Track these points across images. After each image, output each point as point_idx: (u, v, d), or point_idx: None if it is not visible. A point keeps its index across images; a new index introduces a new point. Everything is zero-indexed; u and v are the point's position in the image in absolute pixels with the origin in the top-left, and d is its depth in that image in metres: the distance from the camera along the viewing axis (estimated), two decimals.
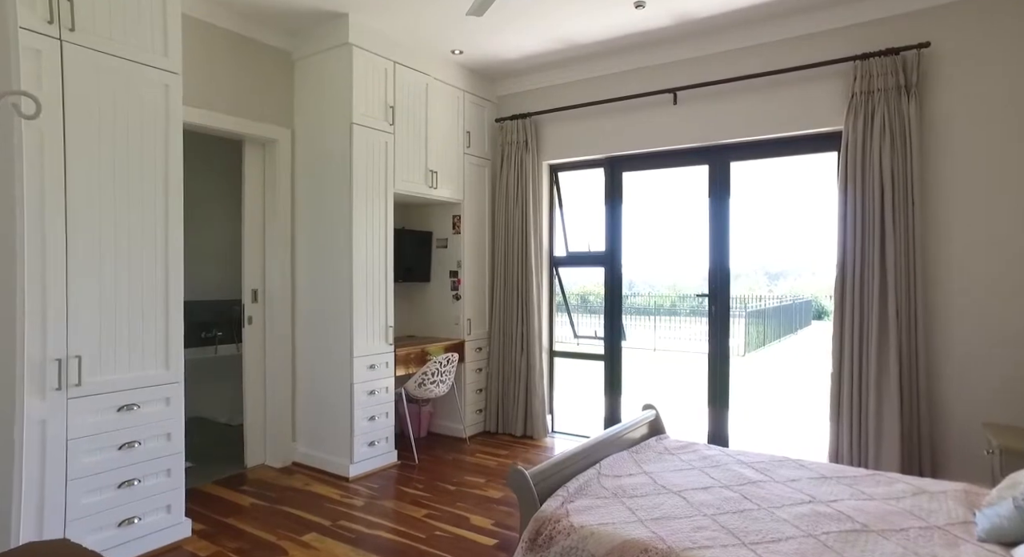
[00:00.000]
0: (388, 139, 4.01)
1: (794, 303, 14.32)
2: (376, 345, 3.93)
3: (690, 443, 2.94)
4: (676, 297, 13.87)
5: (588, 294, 11.08)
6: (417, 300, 4.99)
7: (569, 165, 4.84)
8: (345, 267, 3.79)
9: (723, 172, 4.07)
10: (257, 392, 4.01)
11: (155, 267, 2.78)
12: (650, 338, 12.36)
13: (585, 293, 10.98)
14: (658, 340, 12.32)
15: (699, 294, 4.22)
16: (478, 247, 4.85)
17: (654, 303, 13.77)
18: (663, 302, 13.83)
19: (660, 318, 13.20)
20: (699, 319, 14.08)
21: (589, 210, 4.88)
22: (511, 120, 4.80)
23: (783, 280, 18.44)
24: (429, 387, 4.19)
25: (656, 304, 13.76)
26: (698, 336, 12.25)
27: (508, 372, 4.79)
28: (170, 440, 2.82)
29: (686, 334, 12.37)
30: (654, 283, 14.00)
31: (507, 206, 4.81)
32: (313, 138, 3.97)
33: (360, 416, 3.81)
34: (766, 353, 11.16)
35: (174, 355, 2.85)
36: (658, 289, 13.97)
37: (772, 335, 12.26)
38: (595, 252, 4.75)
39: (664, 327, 12.91)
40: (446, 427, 4.82)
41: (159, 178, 2.80)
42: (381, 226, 3.97)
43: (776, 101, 3.75)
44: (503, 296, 4.82)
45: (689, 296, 13.45)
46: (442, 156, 4.48)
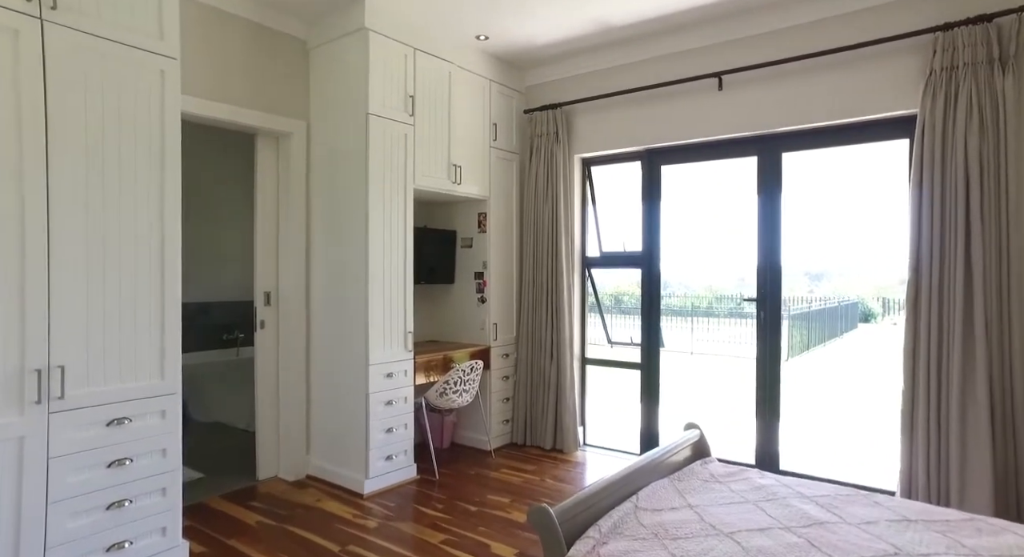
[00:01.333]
0: (408, 131, 3.74)
1: (839, 305, 13.61)
2: (394, 352, 3.66)
3: (740, 469, 2.59)
4: (713, 298, 13.36)
5: (622, 294, 10.66)
6: (440, 303, 4.72)
7: (603, 159, 4.51)
8: (360, 268, 3.53)
9: (774, 164, 3.68)
10: (270, 401, 3.79)
11: (150, 268, 2.56)
12: (687, 341, 11.90)
13: (619, 293, 10.57)
14: (695, 343, 11.85)
15: (747, 298, 3.84)
16: (505, 247, 4.56)
17: (691, 304, 13.27)
18: (700, 303, 13.32)
19: (697, 320, 12.71)
20: (737, 321, 13.54)
21: (624, 207, 4.54)
22: (541, 111, 4.49)
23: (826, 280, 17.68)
24: (451, 397, 3.91)
25: (693, 305, 13.27)
26: (737, 339, 11.74)
27: (537, 381, 4.48)
28: (165, 456, 2.60)
29: (724, 336, 11.87)
30: (690, 284, 13.49)
31: (536, 203, 4.50)
32: (329, 131, 3.73)
33: (376, 428, 3.55)
34: (810, 358, 10.58)
35: (170, 364, 2.63)
36: (693, 290, 13.46)
37: (816, 339, 11.66)
38: (631, 252, 4.40)
39: (701, 329, 12.42)
40: (470, 438, 4.53)
41: (154, 172, 2.58)
42: (400, 224, 3.70)
43: (837, 84, 3.35)
44: (532, 299, 4.51)
45: (727, 297, 12.93)
46: (466, 150, 4.20)
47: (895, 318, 13.84)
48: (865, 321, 14.87)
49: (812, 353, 11.03)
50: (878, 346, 11.82)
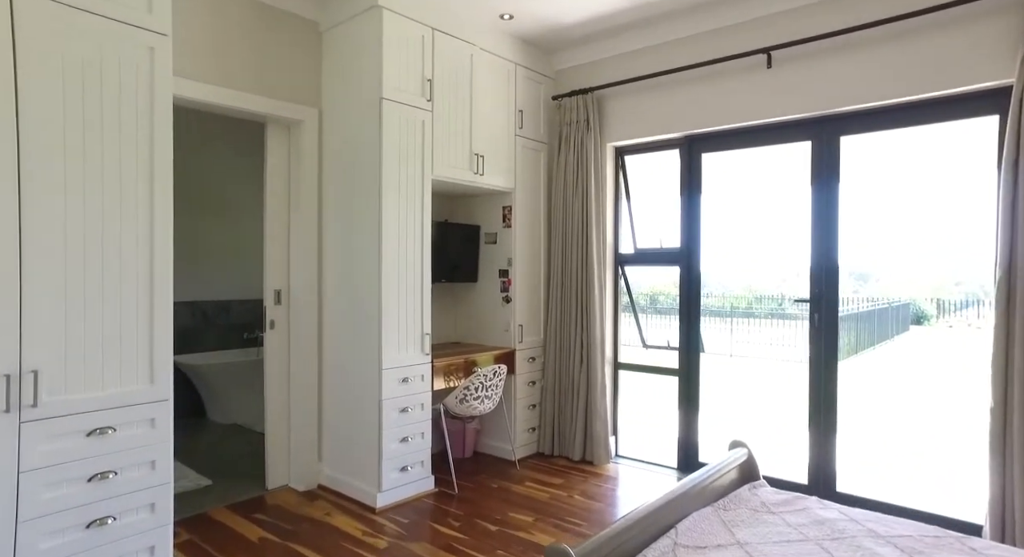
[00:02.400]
0: (425, 117, 3.47)
1: (890, 306, 12.89)
2: (410, 355, 3.40)
3: (796, 496, 2.24)
4: (752, 298, 12.79)
5: (658, 294, 10.20)
6: (463, 302, 4.45)
7: (638, 147, 4.17)
8: (373, 265, 3.28)
9: (831, 149, 3.29)
10: (280, 406, 3.57)
11: (137, 262, 2.34)
12: (726, 343, 11.40)
13: (655, 292, 10.12)
14: (734, 345, 11.34)
15: (799, 299, 3.46)
16: (532, 243, 4.26)
17: (729, 305, 12.74)
18: (738, 303, 12.77)
19: (736, 321, 12.18)
20: (778, 322, 12.94)
21: (661, 199, 4.20)
22: (570, 97, 4.17)
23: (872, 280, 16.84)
24: (472, 404, 3.63)
25: (731, 305, 12.74)
26: (779, 341, 11.20)
27: (565, 386, 4.17)
28: (155, 469, 2.37)
29: (765, 339, 11.33)
30: (729, 283, 12.96)
31: (565, 195, 4.19)
32: (342, 118, 3.49)
33: (390, 437, 3.29)
34: (860, 362, 10.00)
35: (161, 367, 2.40)
36: (732, 289, 12.92)
37: (865, 342, 11.03)
38: (668, 249, 4.05)
39: (740, 330, 11.88)
40: (494, 447, 4.25)
41: (143, 159, 2.36)
42: (417, 217, 3.44)
43: (909, 54, 2.95)
44: (560, 299, 4.20)
45: (767, 297, 12.36)
46: (489, 138, 3.91)
47: (951, 320, 13.05)
48: (917, 323, 14.06)
49: (861, 357, 10.43)
50: (933, 350, 11.14)
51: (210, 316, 5.41)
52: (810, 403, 3.40)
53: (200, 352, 5.28)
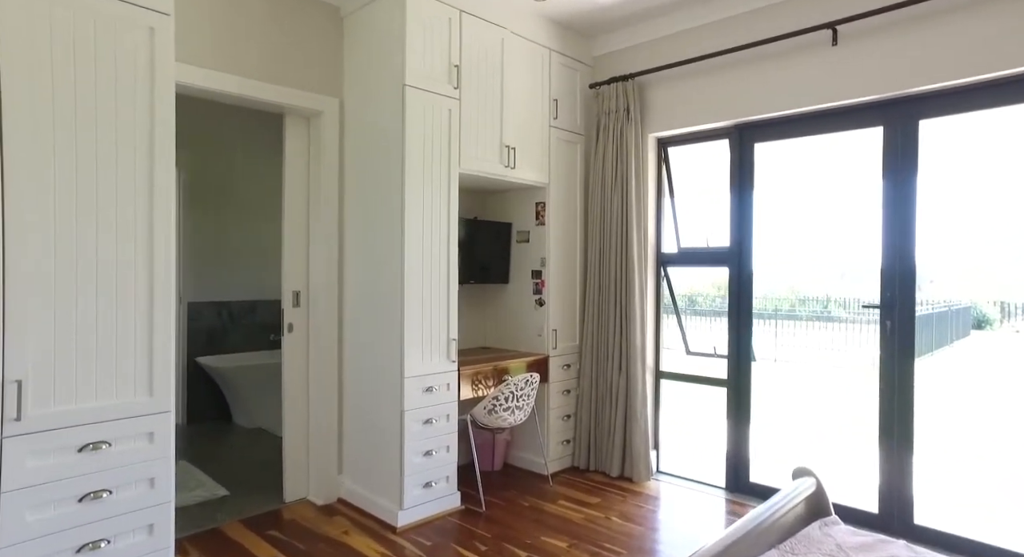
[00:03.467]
0: (452, 106, 3.22)
1: (948, 310, 12.21)
2: (435, 363, 3.16)
3: (878, 539, 1.91)
4: (796, 299, 12.21)
5: (696, 295, 9.80)
6: (494, 305, 4.19)
7: (682, 138, 3.84)
8: (395, 266, 3.05)
9: (908, 135, 2.91)
10: (299, 414, 3.37)
11: (135, 262, 2.15)
12: (770, 347, 10.89)
13: (692, 293, 9.72)
14: (779, 349, 10.81)
15: (868, 305, 3.10)
16: (567, 241, 3.97)
17: (772, 306, 12.19)
18: (781, 305, 12.21)
19: (780, 323, 11.62)
20: (824, 325, 12.33)
21: (707, 194, 3.87)
22: (609, 84, 3.87)
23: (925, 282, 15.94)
24: (501, 415, 3.37)
25: (775, 307, 12.18)
26: (827, 345, 10.63)
27: (603, 396, 3.87)
28: (154, 487, 2.18)
29: (811, 342, 10.76)
30: (775, 284, 12.43)
31: (603, 190, 3.89)
32: (364, 108, 3.27)
33: (412, 451, 3.06)
34: (918, 368, 9.40)
35: (161, 377, 2.21)
36: (777, 290, 12.36)
37: (923, 347, 10.40)
38: (716, 248, 3.72)
39: (784, 333, 11.33)
40: (526, 460, 3.98)
41: (141, 149, 2.17)
42: (443, 213, 3.19)
43: (999, 24, 2.57)
44: (597, 302, 3.90)
45: (811, 299, 11.78)
46: (522, 129, 3.64)
47: (1017, 325, 12.24)
48: (978, 328, 13.29)
49: (919, 363, 9.82)
50: (998, 357, 10.42)
51: (236, 316, 5.28)
52: (880, 419, 3.04)
53: (226, 354, 5.16)
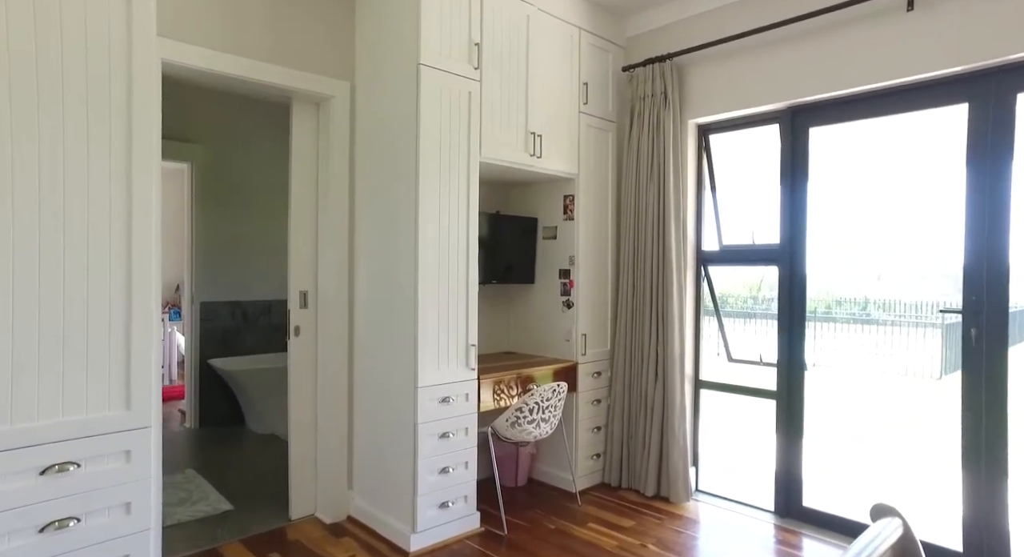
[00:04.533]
0: (472, 88, 2.93)
1: (1014, 311, 11.49)
2: (452, 371, 2.87)
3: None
4: (832, 301, 11.66)
5: (727, 296, 9.32)
6: (518, 307, 3.89)
7: (725, 124, 3.49)
8: (408, 264, 2.77)
9: (1002, 111, 2.51)
10: (306, 425, 3.11)
11: (109, 261, 1.90)
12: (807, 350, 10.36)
13: (722, 294, 9.25)
14: (816, 353, 10.29)
15: (946, 309, 2.72)
16: (598, 238, 3.65)
17: (811, 307, 11.65)
18: (815, 306, 11.67)
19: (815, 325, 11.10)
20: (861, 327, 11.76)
21: (753, 186, 3.51)
22: (644, 66, 3.54)
23: None
24: (525, 428, 3.07)
25: (811, 308, 11.65)
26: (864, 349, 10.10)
27: (636, 407, 3.54)
28: (130, 513, 1.93)
29: (845, 346, 10.22)
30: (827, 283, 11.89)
31: (638, 182, 3.56)
32: (376, 91, 2.99)
33: (426, 468, 2.77)
34: (1009, 383, 8.78)
35: (140, 388, 1.96)
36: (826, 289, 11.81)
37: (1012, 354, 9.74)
38: (763, 246, 3.36)
39: (822, 337, 10.80)
40: (552, 475, 3.66)
41: (118, 136, 1.92)
42: (461, 207, 2.90)
43: None
44: (631, 305, 3.57)
45: (847, 301, 11.22)
46: (549, 115, 3.33)
47: None
48: None
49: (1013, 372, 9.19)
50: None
51: (251, 317, 5.08)
52: (964, 440, 2.64)
53: (240, 356, 4.95)
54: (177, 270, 7.17)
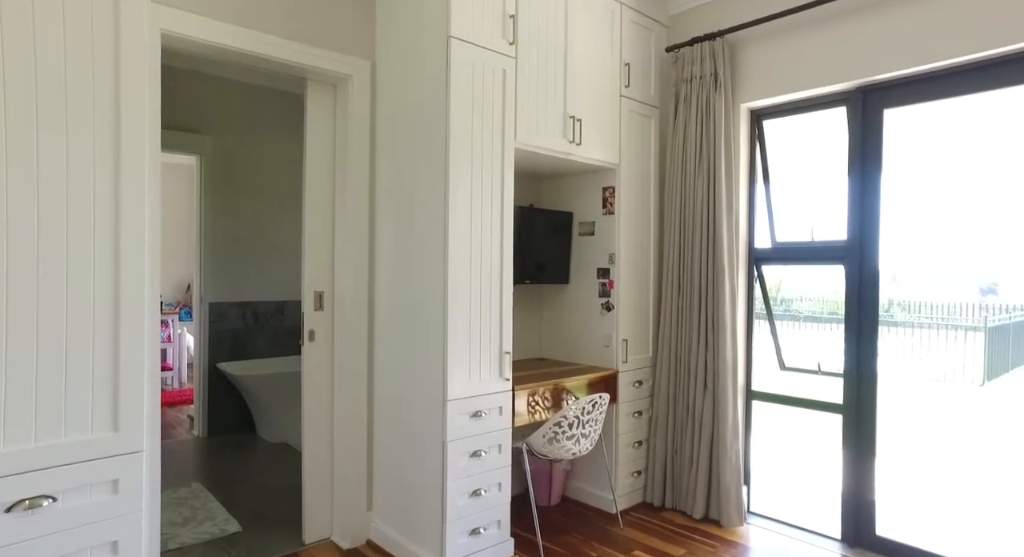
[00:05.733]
0: (507, 66, 2.62)
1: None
2: (484, 382, 2.57)
3: None
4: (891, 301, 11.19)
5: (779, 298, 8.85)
6: (551, 309, 3.58)
7: (782, 108, 3.16)
8: (437, 263, 2.47)
9: None
10: (322, 439, 2.83)
11: (93, 260, 1.61)
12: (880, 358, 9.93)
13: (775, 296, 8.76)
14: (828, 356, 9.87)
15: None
16: (639, 234, 3.33)
17: (826, 310, 11.24)
18: (825, 307, 11.24)
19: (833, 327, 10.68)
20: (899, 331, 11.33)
21: (812, 176, 3.18)
22: (691, 46, 3.22)
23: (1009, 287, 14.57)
24: (564, 444, 2.76)
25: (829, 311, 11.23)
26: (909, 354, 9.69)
27: (682, 420, 3.22)
28: (117, 553, 1.64)
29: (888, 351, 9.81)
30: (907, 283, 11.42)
31: (684, 173, 3.24)
32: (400, 70, 2.70)
33: (456, 491, 2.47)
34: (1014, 380, 8.39)
35: (130, 405, 1.67)
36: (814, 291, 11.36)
37: (1017, 357, 9.34)
38: (826, 242, 3.02)
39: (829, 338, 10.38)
40: (586, 492, 3.35)
41: (104, 122, 1.63)
42: (495, 199, 2.60)
43: None
44: (676, 307, 3.25)
45: (914, 303, 10.78)
46: (589, 98, 3.02)
47: None
48: None
49: (1016, 375, 8.79)
50: None
51: (262, 319, 4.80)
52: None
53: (250, 360, 4.68)
54: (187, 269, 6.93)
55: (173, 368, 6.50)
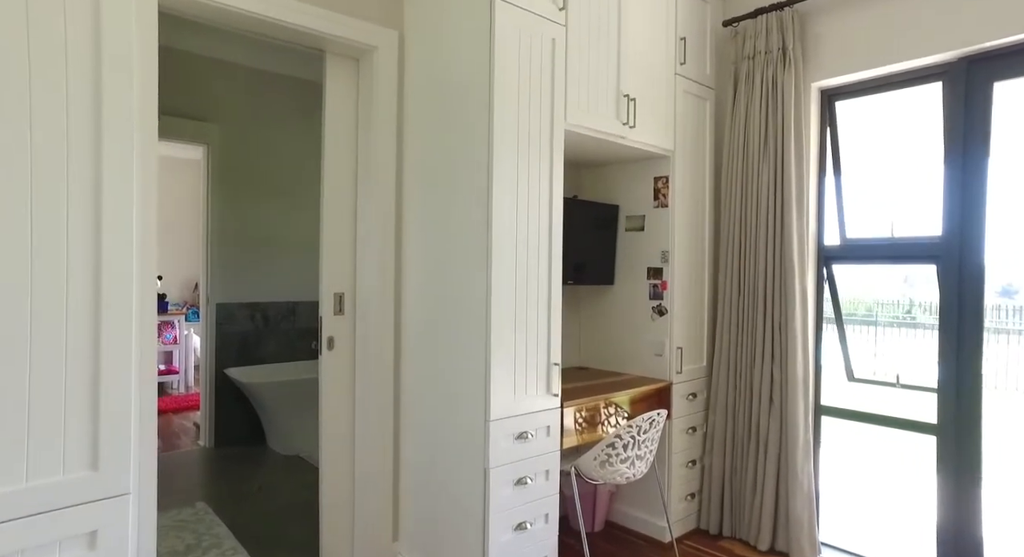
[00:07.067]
0: (557, 34, 2.27)
1: None
2: (530, 398, 2.22)
3: None
4: (873, 302, 10.75)
5: (851, 301, 8.30)
6: (593, 313, 3.22)
7: (860, 87, 2.79)
8: (478, 261, 2.12)
9: None
10: (341, 459, 2.49)
11: (67, 268, 1.28)
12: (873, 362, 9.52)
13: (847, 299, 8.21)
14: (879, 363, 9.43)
15: None
16: (694, 230, 2.97)
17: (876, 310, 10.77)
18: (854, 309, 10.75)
19: (898, 331, 10.23)
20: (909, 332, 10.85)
21: (892, 163, 2.81)
22: (754, 18, 2.86)
23: None
24: (618, 467, 2.41)
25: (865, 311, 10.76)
26: None
27: (743, 438, 2.87)
28: None
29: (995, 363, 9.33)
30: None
31: (745, 161, 2.88)
32: (434, 40, 2.35)
33: (500, 525, 2.12)
34: None
35: (114, 438, 1.34)
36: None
37: None
38: (911, 239, 2.66)
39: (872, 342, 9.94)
40: (633, 518, 3.00)
41: (79, 92, 1.30)
42: (544, 188, 2.25)
43: None
44: (736, 310, 2.90)
45: (889, 303, 10.35)
46: (643, 75, 2.67)
47: None
48: None
49: None
50: None
51: (272, 321, 4.48)
52: None
53: (260, 365, 4.36)
54: (195, 267, 6.63)
55: (179, 371, 6.20)
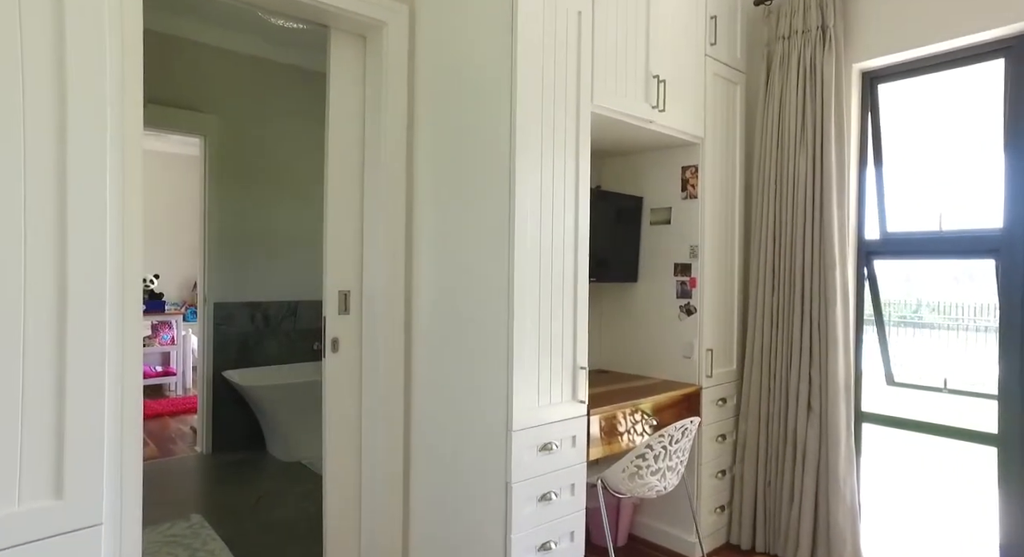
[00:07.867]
0: (583, 6, 2.07)
1: None
2: (555, 406, 2.02)
3: None
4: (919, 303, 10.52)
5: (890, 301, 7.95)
6: (614, 312, 3.02)
7: (906, 67, 2.59)
8: (499, 256, 1.92)
9: None
10: (346, 470, 2.29)
11: (25, 270, 1.08)
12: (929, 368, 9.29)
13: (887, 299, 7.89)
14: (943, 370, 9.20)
15: None
16: (724, 223, 2.77)
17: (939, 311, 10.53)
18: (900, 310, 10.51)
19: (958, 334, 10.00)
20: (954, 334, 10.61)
21: (941, 151, 2.61)
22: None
23: None
24: (648, 480, 2.21)
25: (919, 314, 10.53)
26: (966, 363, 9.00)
27: (778, 446, 2.67)
28: None
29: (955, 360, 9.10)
30: None
31: (780, 150, 2.68)
32: (447, 16, 2.15)
33: (522, 546, 1.92)
34: None
35: (82, 462, 1.14)
36: None
37: None
38: (965, 232, 2.46)
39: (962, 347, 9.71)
40: (658, 531, 2.80)
41: (39, 94, 1.10)
42: (569, 177, 2.05)
43: None
44: (771, 309, 2.70)
45: None
46: (672, 55, 2.46)
47: None
48: None
49: None
50: None
51: (272, 320, 4.28)
52: None
53: (259, 367, 4.16)
54: (194, 265, 6.44)
55: (177, 373, 6.01)
